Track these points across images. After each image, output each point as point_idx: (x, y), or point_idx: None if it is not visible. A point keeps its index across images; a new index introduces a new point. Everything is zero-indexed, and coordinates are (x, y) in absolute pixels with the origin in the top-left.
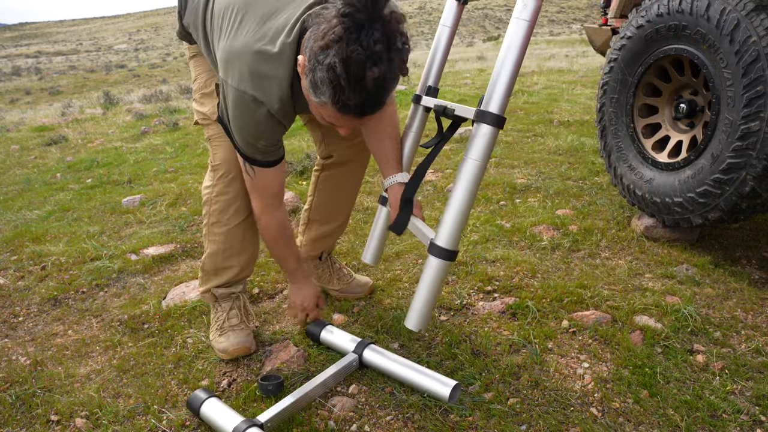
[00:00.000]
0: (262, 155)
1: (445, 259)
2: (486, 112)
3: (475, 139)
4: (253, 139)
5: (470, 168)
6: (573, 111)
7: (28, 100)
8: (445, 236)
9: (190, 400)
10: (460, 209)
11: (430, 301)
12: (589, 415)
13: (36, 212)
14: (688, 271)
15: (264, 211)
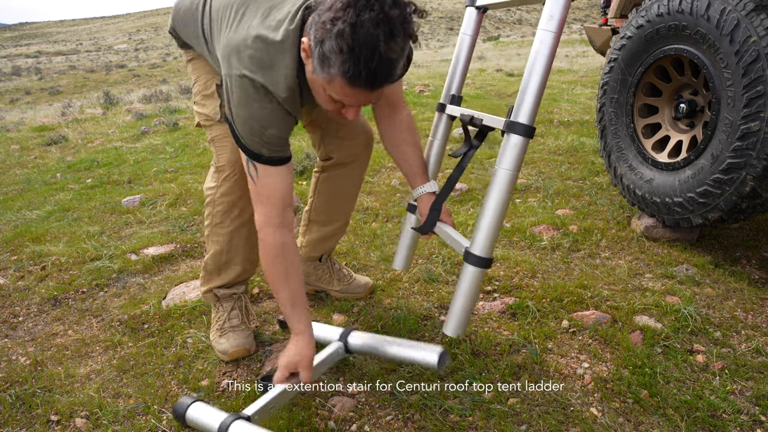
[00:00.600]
0: (268, 149)
1: (481, 267)
2: (516, 123)
3: (507, 149)
4: (260, 128)
5: (502, 177)
6: (573, 111)
7: (28, 100)
8: (481, 245)
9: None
10: (495, 218)
11: (468, 307)
12: (589, 415)
13: (36, 212)
14: (688, 271)
15: (266, 224)
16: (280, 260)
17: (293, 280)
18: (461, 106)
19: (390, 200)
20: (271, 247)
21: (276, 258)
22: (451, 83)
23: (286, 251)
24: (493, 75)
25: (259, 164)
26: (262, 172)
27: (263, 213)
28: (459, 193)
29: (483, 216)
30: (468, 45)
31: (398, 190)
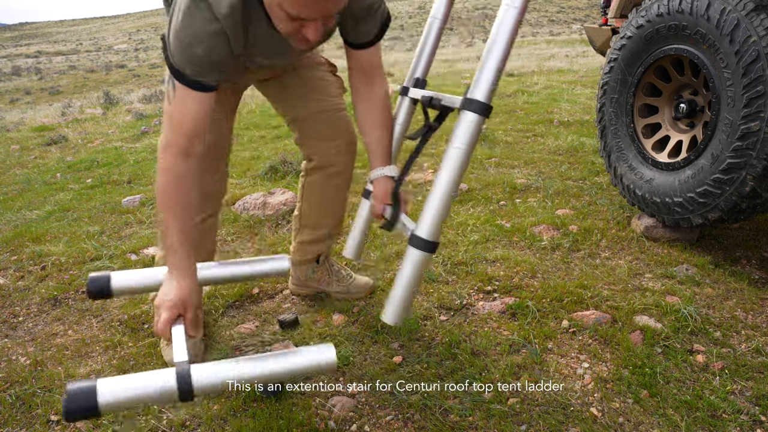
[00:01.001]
0: (191, 69)
1: (426, 251)
2: (472, 99)
3: (461, 126)
4: (190, 42)
5: (454, 156)
6: (573, 111)
7: (28, 100)
8: (426, 227)
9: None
10: (443, 199)
11: (409, 294)
12: (589, 415)
13: (36, 212)
14: (688, 271)
15: (169, 147)
16: (175, 187)
17: (187, 212)
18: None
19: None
20: (167, 171)
21: (170, 184)
22: (416, 66)
23: (185, 180)
24: None
25: (178, 84)
26: (179, 93)
27: (167, 136)
28: (459, 193)
29: (431, 197)
30: (437, 29)
31: None
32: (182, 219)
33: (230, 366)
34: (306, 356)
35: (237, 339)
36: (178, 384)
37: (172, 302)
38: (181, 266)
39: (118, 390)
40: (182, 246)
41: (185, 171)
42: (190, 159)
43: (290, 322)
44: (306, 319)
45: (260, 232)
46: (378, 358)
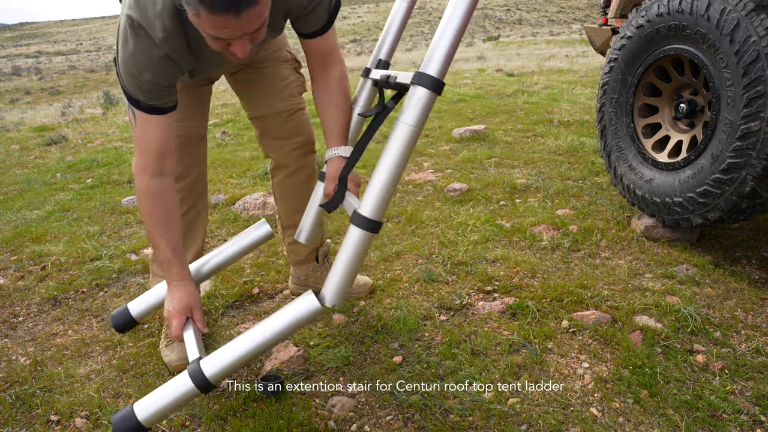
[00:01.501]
0: (145, 96)
1: (368, 230)
2: (423, 74)
3: (411, 102)
4: (137, 71)
5: (403, 133)
6: (573, 111)
7: (28, 100)
8: (370, 205)
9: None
10: (388, 177)
11: (349, 275)
12: (589, 415)
13: (36, 212)
14: (688, 271)
15: (141, 171)
16: (155, 208)
17: (171, 228)
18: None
19: (390, 200)
20: (144, 193)
21: (151, 205)
22: (380, 48)
23: (162, 199)
24: (492, 75)
25: (137, 110)
26: (140, 119)
27: (139, 160)
28: (459, 193)
29: (376, 174)
30: (404, 11)
31: (398, 190)
32: (169, 234)
33: (232, 347)
34: (293, 308)
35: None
36: (194, 381)
37: (178, 310)
38: (179, 275)
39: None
40: (175, 258)
41: (161, 190)
42: (164, 178)
43: None
44: None
45: None
46: (378, 358)
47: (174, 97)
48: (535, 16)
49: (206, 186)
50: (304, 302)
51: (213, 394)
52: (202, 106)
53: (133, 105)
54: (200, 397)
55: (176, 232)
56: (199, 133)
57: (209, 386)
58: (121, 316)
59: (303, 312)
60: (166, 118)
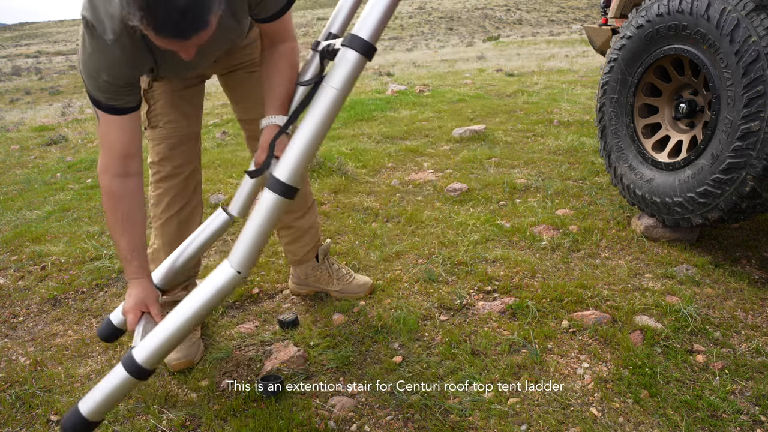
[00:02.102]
0: (104, 96)
1: (282, 195)
2: (355, 36)
3: (339, 65)
4: (94, 72)
5: (328, 97)
6: (573, 111)
7: (28, 100)
8: (285, 169)
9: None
10: (308, 141)
11: (257, 241)
12: (589, 415)
13: (36, 212)
14: (688, 271)
15: (104, 171)
16: (116, 207)
17: (132, 227)
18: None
19: (390, 200)
20: (106, 194)
21: (112, 205)
22: (332, 22)
23: (124, 199)
24: (493, 75)
25: (99, 111)
26: (102, 119)
27: (102, 160)
28: (459, 193)
29: (295, 138)
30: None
31: (398, 190)
32: (129, 234)
33: (160, 330)
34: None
35: (237, 339)
36: (128, 370)
37: (132, 306)
38: (136, 273)
39: (93, 401)
40: (133, 257)
41: (124, 191)
42: (129, 179)
43: (290, 322)
44: (306, 319)
45: None
46: (378, 358)
47: (136, 98)
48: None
49: (200, 184)
50: (220, 271)
51: (213, 394)
52: (194, 107)
53: (94, 105)
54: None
55: (137, 233)
56: (191, 133)
57: (144, 372)
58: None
59: (221, 281)
60: (128, 119)
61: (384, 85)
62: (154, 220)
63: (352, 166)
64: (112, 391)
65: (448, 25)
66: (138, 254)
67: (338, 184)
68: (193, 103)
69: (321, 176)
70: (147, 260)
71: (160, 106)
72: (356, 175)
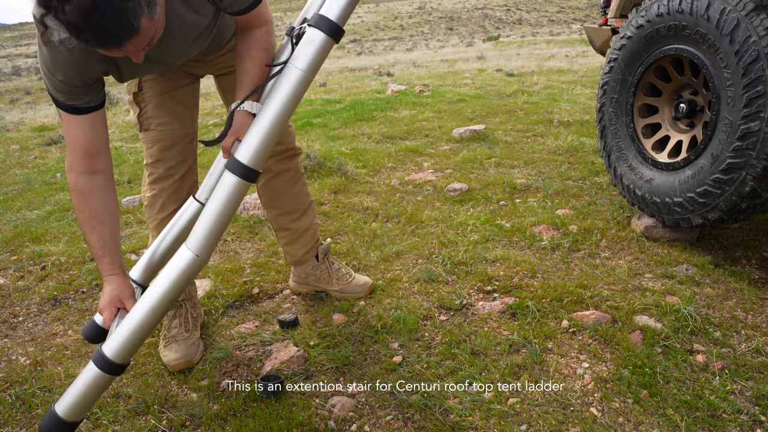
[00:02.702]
0: (62, 96)
1: (242, 178)
2: (322, 17)
3: (305, 46)
4: (49, 72)
5: (292, 78)
6: (573, 111)
7: (28, 100)
8: (247, 151)
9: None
10: (271, 123)
11: (218, 224)
12: (589, 415)
13: (36, 212)
14: (688, 271)
15: (70, 170)
16: (84, 205)
17: (101, 224)
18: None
19: (390, 200)
20: (73, 192)
21: (80, 203)
22: (309, 8)
23: (91, 196)
24: (492, 75)
25: (60, 110)
26: (64, 118)
27: (68, 158)
28: (459, 193)
29: (258, 120)
30: None
31: (398, 190)
32: (99, 231)
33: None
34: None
35: (237, 339)
36: (99, 366)
37: (106, 303)
38: (109, 270)
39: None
40: (105, 253)
41: (90, 188)
42: (95, 176)
43: (290, 322)
44: (306, 319)
45: (260, 232)
46: (378, 358)
47: (97, 96)
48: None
49: (196, 184)
50: (179, 256)
51: (213, 394)
52: (186, 108)
53: (55, 104)
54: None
55: (107, 229)
56: (184, 134)
57: (116, 367)
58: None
59: (180, 266)
60: (90, 118)
61: (384, 85)
62: (150, 222)
63: (352, 166)
64: (86, 390)
65: (448, 25)
66: (109, 250)
67: (338, 184)
68: (186, 104)
69: (321, 176)
70: (120, 256)
71: (151, 108)
72: (356, 175)
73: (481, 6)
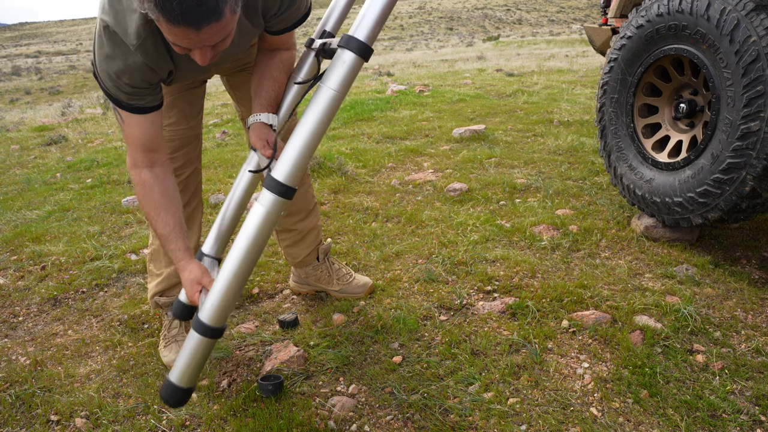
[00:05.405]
0: (126, 96)
1: (279, 195)
2: (352, 38)
3: (336, 66)
4: (115, 75)
5: (325, 98)
6: (573, 111)
7: (28, 100)
8: (283, 169)
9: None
10: (306, 142)
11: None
12: (589, 415)
13: (36, 212)
14: (688, 271)
15: (133, 166)
16: (148, 196)
17: (164, 211)
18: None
19: (390, 200)
20: (138, 185)
21: (145, 194)
22: (327, 20)
23: (153, 187)
24: (492, 75)
25: (120, 110)
26: (125, 118)
27: (129, 156)
28: (459, 193)
29: (293, 138)
30: None
31: (398, 190)
32: (164, 217)
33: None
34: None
35: (237, 339)
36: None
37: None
38: (179, 257)
39: (180, 370)
40: (171, 239)
41: (153, 181)
42: (156, 168)
43: (290, 322)
44: (306, 319)
45: None
46: (378, 358)
47: (158, 96)
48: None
49: (200, 184)
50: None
51: (213, 394)
52: (194, 108)
53: (115, 104)
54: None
55: (170, 216)
56: (192, 134)
57: (214, 330)
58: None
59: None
60: (151, 117)
61: (384, 85)
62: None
63: (352, 166)
64: (192, 355)
65: (448, 25)
66: (174, 236)
67: (338, 184)
68: (194, 105)
69: (321, 176)
70: (186, 241)
71: (162, 109)
72: (356, 175)
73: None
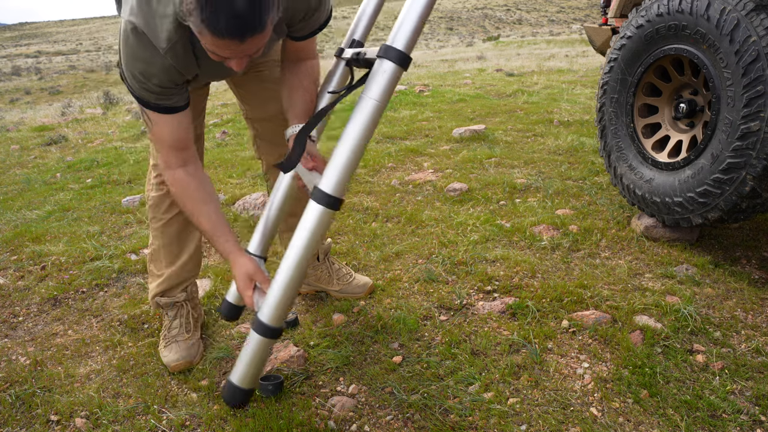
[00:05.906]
0: (154, 97)
1: (327, 207)
2: (390, 47)
3: (376, 76)
4: (143, 77)
5: (367, 108)
6: (573, 111)
7: (28, 100)
8: (330, 181)
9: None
10: (351, 153)
11: (306, 255)
12: (589, 415)
13: (36, 212)
14: (688, 271)
15: (166, 168)
16: (187, 195)
17: (205, 205)
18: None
19: (390, 200)
20: (174, 185)
21: (183, 193)
22: (355, 28)
23: (191, 184)
24: (492, 75)
25: (149, 111)
26: (153, 118)
27: (161, 157)
28: (459, 193)
29: (338, 149)
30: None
31: (398, 190)
32: (206, 212)
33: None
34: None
35: (237, 339)
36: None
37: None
38: (228, 250)
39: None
40: (216, 234)
41: (188, 178)
42: (188, 166)
43: (290, 322)
44: (306, 319)
45: None
46: (378, 358)
47: (185, 96)
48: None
49: None
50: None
51: (213, 394)
52: (197, 108)
53: (144, 105)
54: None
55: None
56: (196, 135)
57: (273, 330)
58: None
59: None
60: (179, 116)
61: None
62: (154, 222)
63: None
64: (252, 356)
65: (448, 25)
66: (219, 229)
67: None
68: (197, 105)
69: None
70: (231, 232)
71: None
72: (356, 174)
73: (481, 6)
